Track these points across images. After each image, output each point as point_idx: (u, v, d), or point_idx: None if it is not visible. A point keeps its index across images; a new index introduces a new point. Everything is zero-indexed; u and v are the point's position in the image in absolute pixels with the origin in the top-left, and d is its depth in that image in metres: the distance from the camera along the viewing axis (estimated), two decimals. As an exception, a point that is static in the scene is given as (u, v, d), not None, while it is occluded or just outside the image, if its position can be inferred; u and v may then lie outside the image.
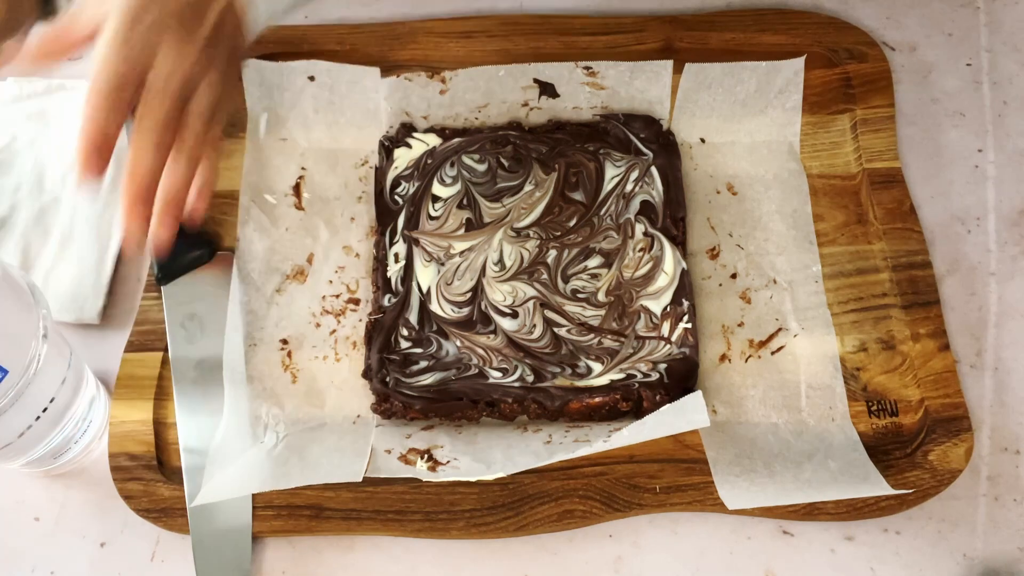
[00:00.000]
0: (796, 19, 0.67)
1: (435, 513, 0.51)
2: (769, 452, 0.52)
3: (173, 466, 0.54)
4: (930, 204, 0.61)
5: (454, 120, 0.64)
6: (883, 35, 0.68)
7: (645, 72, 0.63)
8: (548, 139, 0.62)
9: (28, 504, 0.54)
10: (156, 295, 0.58)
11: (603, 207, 0.59)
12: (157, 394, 0.55)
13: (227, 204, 0.62)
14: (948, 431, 0.52)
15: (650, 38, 0.66)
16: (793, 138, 0.63)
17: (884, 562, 0.51)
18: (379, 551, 0.52)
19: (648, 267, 0.57)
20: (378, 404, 0.55)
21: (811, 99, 0.64)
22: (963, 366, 0.56)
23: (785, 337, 0.57)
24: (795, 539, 0.52)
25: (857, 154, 0.62)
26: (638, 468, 0.52)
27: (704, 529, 0.52)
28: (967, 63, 0.67)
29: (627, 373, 0.54)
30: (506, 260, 0.58)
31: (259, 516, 0.51)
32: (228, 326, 0.57)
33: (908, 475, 0.51)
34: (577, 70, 0.63)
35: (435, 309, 0.56)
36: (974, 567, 0.51)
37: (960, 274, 0.59)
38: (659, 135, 0.62)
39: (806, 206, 0.61)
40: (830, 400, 0.54)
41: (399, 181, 0.61)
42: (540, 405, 0.54)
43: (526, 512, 0.51)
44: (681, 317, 0.55)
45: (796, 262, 0.59)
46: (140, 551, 0.52)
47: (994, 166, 0.63)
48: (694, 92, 0.63)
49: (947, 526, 0.52)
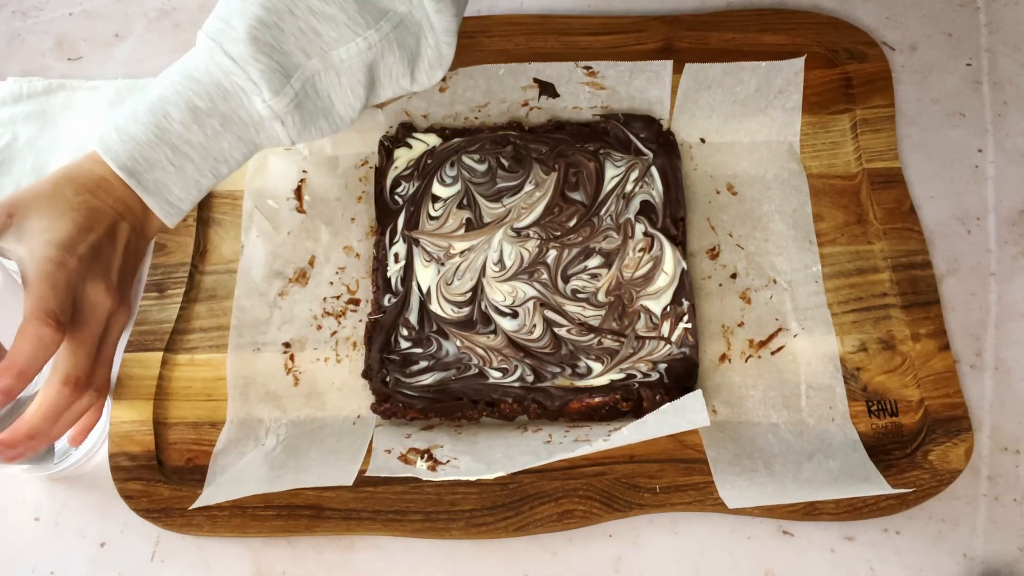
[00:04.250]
0: (796, 19, 0.67)
1: (435, 513, 0.51)
2: (769, 452, 0.52)
3: (173, 466, 0.54)
4: (930, 204, 0.61)
5: (454, 120, 0.64)
6: (883, 35, 0.68)
7: (645, 72, 0.63)
8: (548, 139, 0.62)
9: (28, 504, 0.54)
10: (156, 295, 0.58)
11: (603, 207, 0.59)
12: (157, 394, 0.55)
13: (227, 204, 0.62)
14: (948, 431, 0.52)
15: (650, 38, 0.66)
16: (793, 138, 0.63)
17: (884, 562, 0.51)
18: (379, 551, 0.52)
19: (648, 267, 0.57)
20: (378, 404, 0.55)
21: (811, 99, 0.63)
22: (963, 366, 0.56)
23: (785, 337, 0.57)
24: (795, 539, 0.52)
25: (857, 154, 0.62)
26: (638, 468, 0.52)
27: (704, 529, 0.52)
28: (967, 63, 0.67)
29: (627, 373, 0.54)
30: (506, 260, 0.58)
31: (259, 516, 0.51)
32: (232, 333, 0.57)
33: (908, 475, 0.51)
34: (577, 70, 0.63)
35: (435, 309, 0.56)
36: (974, 567, 0.51)
37: (960, 274, 0.59)
38: (659, 135, 0.62)
39: (806, 206, 0.61)
40: (830, 400, 0.54)
41: (399, 181, 0.61)
42: (540, 405, 0.54)
43: (526, 512, 0.51)
44: (681, 317, 0.55)
45: (796, 262, 0.59)
46: (140, 551, 0.52)
47: (994, 166, 0.63)
48: (694, 92, 0.63)
49: (947, 526, 0.52)
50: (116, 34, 0.72)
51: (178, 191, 0.48)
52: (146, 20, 0.73)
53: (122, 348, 0.56)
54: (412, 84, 0.52)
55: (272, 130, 0.49)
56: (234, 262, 0.60)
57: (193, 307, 0.59)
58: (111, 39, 0.72)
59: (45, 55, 0.72)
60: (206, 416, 0.55)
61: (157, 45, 0.71)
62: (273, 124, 0.48)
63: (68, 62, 0.71)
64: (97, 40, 0.72)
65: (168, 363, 0.57)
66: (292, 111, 0.48)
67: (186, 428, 0.55)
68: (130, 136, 0.47)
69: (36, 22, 0.73)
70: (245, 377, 0.56)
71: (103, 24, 0.73)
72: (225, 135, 0.48)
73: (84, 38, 0.72)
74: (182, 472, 0.53)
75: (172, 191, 0.48)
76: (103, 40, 0.72)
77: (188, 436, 0.55)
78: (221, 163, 0.49)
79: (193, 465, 0.54)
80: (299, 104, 0.48)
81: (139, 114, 0.47)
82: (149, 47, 0.71)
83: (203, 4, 0.73)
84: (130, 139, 0.47)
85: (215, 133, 0.48)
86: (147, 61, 0.70)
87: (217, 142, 0.48)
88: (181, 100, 0.47)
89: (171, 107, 0.47)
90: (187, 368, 0.57)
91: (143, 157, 0.47)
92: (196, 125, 0.47)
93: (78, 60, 0.71)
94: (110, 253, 0.47)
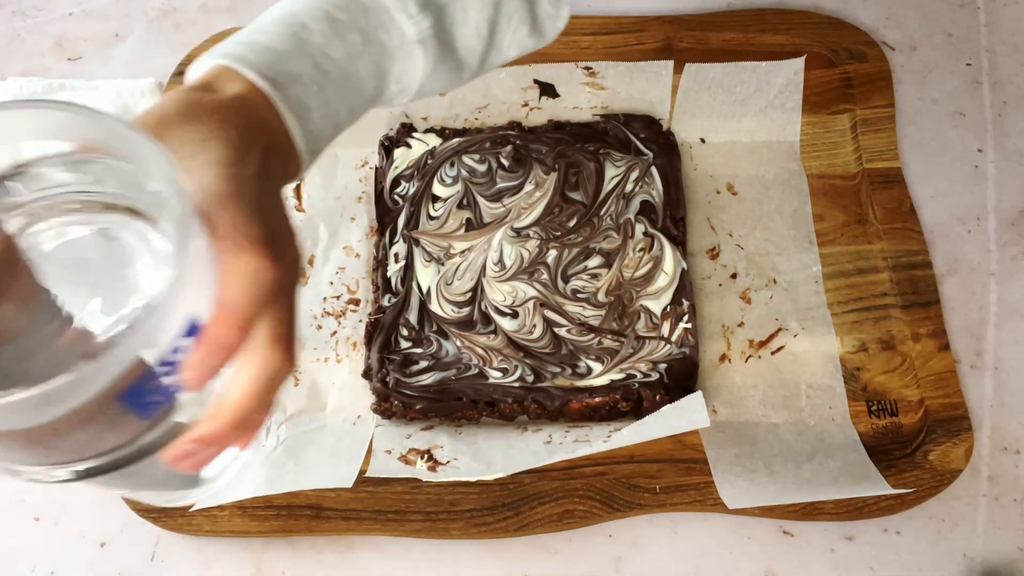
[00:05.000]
0: (796, 19, 0.67)
1: (435, 513, 0.51)
2: (769, 452, 0.52)
3: (173, 466, 0.54)
4: (930, 204, 0.61)
5: (454, 120, 0.64)
6: (883, 35, 0.68)
7: (645, 72, 0.63)
8: (548, 139, 0.62)
9: (28, 504, 0.54)
10: (156, 295, 0.58)
11: (603, 207, 0.59)
12: (157, 394, 0.55)
13: (227, 204, 0.62)
14: (948, 431, 0.52)
15: (650, 38, 0.66)
16: (793, 138, 0.63)
17: (884, 562, 0.51)
18: (379, 551, 0.52)
19: (648, 267, 0.57)
20: (378, 404, 0.55)
21: (811, 99, 0.63)
22: (963, 366, 0.56)
23: (785, 337, 0.57)
24: (795, 539, 0.52)
25: (857, 154, 0.62)
26: (638, 468, 0.52)
27: (704, 529, 0.52)
28: (967, 63, 0.67)
29: (627, 373, 0.54)
30: (506, 260, 0.58)
31: (259, 516, 0.51)
32: None
33: (908, 475, 0.51)
34: (577, 70, 0.63)
35: (435, 309, 0.56)
36: (974, 567, 0.51)
37: (960, 274, 0.59)
38: (659, 135, 0.62)
39: (806, 206, 0.61)
40: (830, 400, 0.54)
41: (399, 181, 0.61)
42: (540, 405, 0.54)
43: (526, 512, 0.51)
44: (681, 317, 0.55)
45: (796, 262, 0.59)
46: (140, 551, 0.52)
47: (994, 166, 0.63)
48: (694, 92, 0.63)
49: (947, 526, 0.52)
50: (116, 34, 0.72)
51: (318, 119, 0.39)
52: (146, 20, 0.73)
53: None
54: (531, 34, 0.48)
55: (411, 58, 0.43)
56: (234, 262, 0.60)
57: (193, 307, 0.59)
58: (111, 39, 0.72)
59: (45, 55, 0.71)
60: (206, 416, 0.55)
61: (157, 45, 0.71)
62: (415, 49, 0.43)
63: (68, 62, 0.71)
64: (97, 40, 0.72)
65: (168, 363, 0.56)
66: (432, 37, 0.42)
67: (186, 428, 0.55)
68: (264, 47, 0.38)
69: (36, 22, 0.73)
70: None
71: (103, 24, 0.73)
72: (365, 56, 0.41)
73: (84, 38, 0.72)
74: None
75: (313, 117, 0.39)
76: (103, 40, 0.72)
77: (188, 436, 0.55)
78: (354, 95, 0.42)
79: (193, 465, 0.54)
80: (436, 33, 0.42)
81: (268, 27, 0.39)
82: (149, 47, 0.71)
83: (203, 4, 0.73)
84: (265, 49, 0.37)
85: (356, 52, 0.41)
86: (147, 61, 0.70)
87: (356, 64, 0.41)
88: (318, 12, 0.40)
89: (307, 19, 0.39)
90: (187, 368, 0.57)
91: (284, 69, 0.37)
92: (338, 38, 0.40)
93: (78, 60, 0.71)
94: (272, 186, 0.35)
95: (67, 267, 0.30)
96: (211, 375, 0.28)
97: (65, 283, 0.30)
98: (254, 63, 0.36)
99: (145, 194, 0.29)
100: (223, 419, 0.30)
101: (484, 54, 0.47)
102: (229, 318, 0.28)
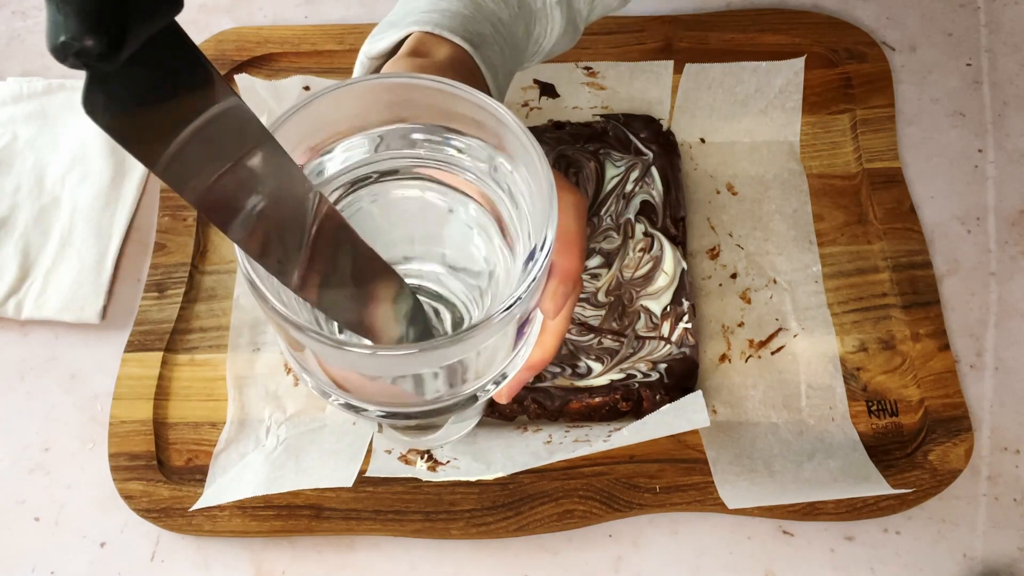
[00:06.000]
0: (796, 19, 0.67)
1: (435, 513, 0.51)
2: (769, 452, 0.52)
3: (173, 466, 0.54)
4: (930, 204, 0.61)
5: (454, 120, 0.64)
6: (883, 35, 0.68)
7: (645, 72, 0.63)
8: (548, 139, 0.62)
9: (28, 504, 0.54)
10: (156, 295, 0.58)
11: (603, 207, 0.59)
12: (157, 394, 0.55)
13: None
14: (948, 431, 0.52)
15: (650, 38, 0.66)
16: (793, 138, 0.63)
17: (884, 562, 0.51)
18: (379, 551, 0.52)
19: (648, 267, 0.57)
20: (378, 404, 0.55)
21: (811, 99, 0.64)
22: (963, 366, 0.56)
23: (785, 337, 0.57)
24: (795, 539, 0.52)
25: (857, 154, 0.62)
26: (638, 468, 0.52)
27: (704, 529, 0.52)
28: (967, 63, 0.67)
29: (627, 373, 0.54)
30: (506, 260, 0.58)
31: (259, 516, 0.51)
32: (232, 333, 0.57)
33: (908, 475, 0.51)
34: (577, 70, 0.63)
35: (435, 309, 0.56)
36: (974, 567, 0.51)
37: (960, 274, 0.59)
38: (659, 135, 0.62)
39: (806, 206, 0.61)
40: (830, 400, 0.54)
41: (399, 181, 0.61)
42: (540, 405, 0.54)
43: (526, 512, 0.51)
44: (681, 317, 0.55)
45: (796, 262, 0.59)
46: (140, 551, 0.52)
47: (994, 166, 0.63)
48: (694, 92, 0.63)
49: (947, 526, 0.52)
50: (116, 34, 0.72)
51: (502, 77, 0.41)
52: (146, 20, 0.73)
53: (122, 348, 0.56)
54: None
55: (550, 19, 0.44)
56: (234, 262, 0.60)
57: (193, 307, 0.59)
58: (111, 39, 0.72)
59: (45, 55, 0.71)
60: (206, 416, 0.55)
61: (157, 45, 0.71)
62: (554, 10, 0.43)
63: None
64: (97, 40, 0.72)
65: (168, 363, 0.57)
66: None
67: (186, 428, 0.55)
68: (453, 12, 0.39)
69: (36, 22, 0.73)
70: (245, 377, 0.56)
71: (103, 24, 0.73)
72: (519, 19, 0.42)
73: (84, 38, 0.72)
74: (182, 472, 0.53)
75: (499, 75, 0.41)
76: (103, 40, 0.72)
77: (188, 436, 0.55)
78: (519, 55, 0.42)
79: (193, 465, 0.54)
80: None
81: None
82: (149, 47, 0.71)
83: (203, 4, 0.73)
84: (454, 15, 0.39)
85: (514, 14, 0.42)
86: (147, 61, 0.70)
87: (516, 26, 0.42)
88: None
89: None
90: (187, 368, 0.57)
91: (475, 31, 0.39)
92: (503, 2, 0.41)
93: (78, 60, 0.71)
94: None
95: (388, 219, 0.35)
96: (564, 302, 0.32)
97: (392, 228, 0.35)
98: (451, 28, 0.38)
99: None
100: (549, 351, 0.35)
101: (587, 16, 0.48)
102: (574, 249, 0.32)
